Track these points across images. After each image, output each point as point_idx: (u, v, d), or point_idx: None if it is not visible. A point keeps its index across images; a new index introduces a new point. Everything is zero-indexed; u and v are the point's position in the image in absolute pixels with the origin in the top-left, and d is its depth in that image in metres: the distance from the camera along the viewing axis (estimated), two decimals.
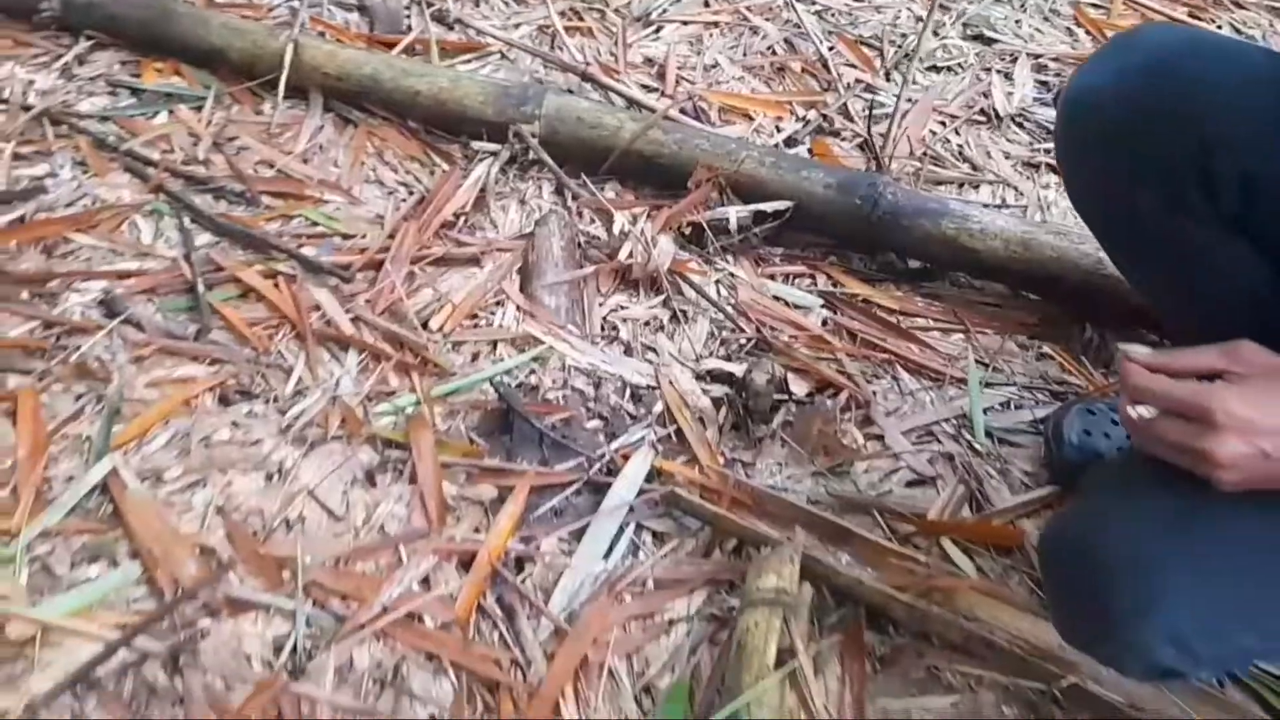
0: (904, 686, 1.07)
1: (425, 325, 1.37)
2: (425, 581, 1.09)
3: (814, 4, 2.14)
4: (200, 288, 1.36)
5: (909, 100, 1.87)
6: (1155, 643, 0.78)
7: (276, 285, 1.40)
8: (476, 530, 1.14)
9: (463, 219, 1.55)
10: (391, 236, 1.49)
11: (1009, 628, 1.05)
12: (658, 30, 2.02)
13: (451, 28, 1.95)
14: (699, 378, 1.35)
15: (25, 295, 1.34)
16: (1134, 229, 0.96)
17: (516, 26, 1.99)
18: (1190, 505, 0.79)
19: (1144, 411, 0.79)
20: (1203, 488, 0.77)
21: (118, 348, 1.29)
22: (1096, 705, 1.01)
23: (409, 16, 1.97)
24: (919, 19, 2.11)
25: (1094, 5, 2.25)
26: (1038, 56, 2.06)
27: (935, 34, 2.08)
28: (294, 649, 1.02)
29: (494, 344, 1.36)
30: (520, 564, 1.12)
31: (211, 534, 1.10)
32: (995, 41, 2.08)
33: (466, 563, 1.11)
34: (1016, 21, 2.16)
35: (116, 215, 1.48)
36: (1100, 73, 0.91)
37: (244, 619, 1.04)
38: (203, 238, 1.47)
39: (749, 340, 1.40)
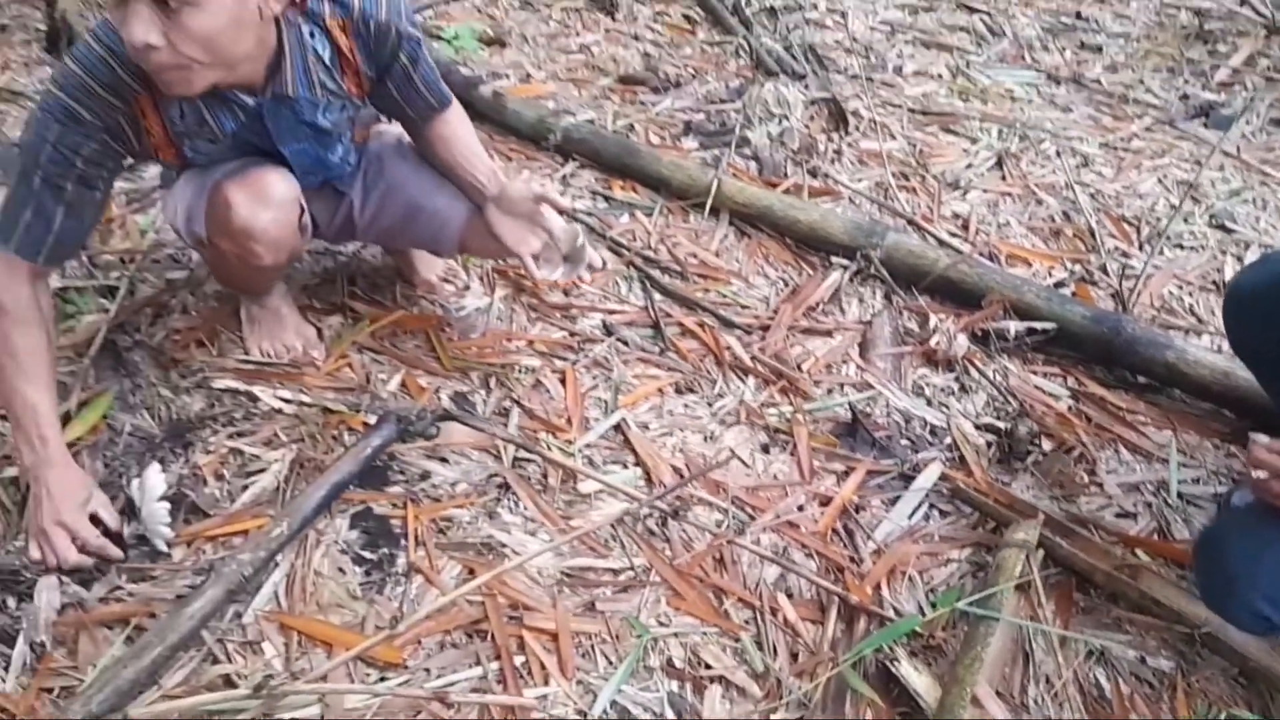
0: (1096, 626, 1.67)
1: (798, 367, 2.12)
2: (800, 508, 1.81)
3: (1088, 186, 2.81)
4: (661, 325, 2.19)
5: (1155, 267, 2.49)
6: (1256, 598, 1.38)
7: (703, 329, 2.20)
8: (832, 486, 1.86)
9: (820, 305, 2.31)
10: (774, 312, 2.27)
11: (1173, 601, 1.64)
12: (965, 193, 2.75)
13: (815, 177, 2.76)
14: (976, 427, 2.02)
15: (558, 316, 2.21)
16: (1263, 365, 1.61)
17: (859, 180, 2.78)
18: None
19: (1260, 474, 1.40)
20: None
21: (613, 353, 2.12)
22: (1225, 651, 1.59)
23: (785, 165, 2.80)
24: (1173, 207, 2.72)
25: None
26: (1267, 247, 2.62)
27: (1185, 220, 2.69)
28: (726, 527, 1.76)
29: (841, 385, 2.10)
30: (857, 509, 1.83)
31: (677, 460, 1.88)
32: (1234, 232, 2.65)
33: (825, 503, 1.83)
34: (1256, 218, 2.72)
35: (606, 276, 2.35)
36: (1250, 274, 1.59)
37: (698, 508, 1.79)
38: (656, 295, 2.30)
39: (1013, 411, 2.06)
